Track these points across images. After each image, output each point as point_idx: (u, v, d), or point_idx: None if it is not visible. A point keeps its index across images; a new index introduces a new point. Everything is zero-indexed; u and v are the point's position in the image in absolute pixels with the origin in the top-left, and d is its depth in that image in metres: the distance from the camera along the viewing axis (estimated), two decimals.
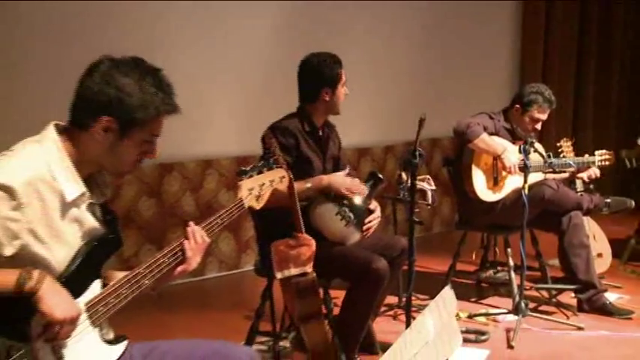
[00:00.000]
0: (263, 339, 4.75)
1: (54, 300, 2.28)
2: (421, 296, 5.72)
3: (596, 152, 6.12)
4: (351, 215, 4.46)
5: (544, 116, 5.91)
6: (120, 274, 2.63)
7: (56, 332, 2.32)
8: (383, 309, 5.50)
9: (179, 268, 2.68)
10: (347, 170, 4.62)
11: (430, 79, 8.58)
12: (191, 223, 2.73)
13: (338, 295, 4.74)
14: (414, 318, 4.03)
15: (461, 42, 9.00)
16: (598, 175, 6.06)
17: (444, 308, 2.86)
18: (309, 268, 3.79)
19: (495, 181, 5.83)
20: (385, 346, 4.94)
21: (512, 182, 5.80)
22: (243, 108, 6.89)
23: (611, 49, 10.48)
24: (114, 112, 2.44)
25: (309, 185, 4.38)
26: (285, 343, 4.69)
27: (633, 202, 6.98)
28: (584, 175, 6.04)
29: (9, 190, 2.26)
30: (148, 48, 5.79)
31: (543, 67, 9.82)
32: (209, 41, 6.84)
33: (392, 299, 5.78)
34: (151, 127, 2.54)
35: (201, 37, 6.78)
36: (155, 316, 3.19)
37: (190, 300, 5.89)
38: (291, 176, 3.30)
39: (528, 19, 9.76)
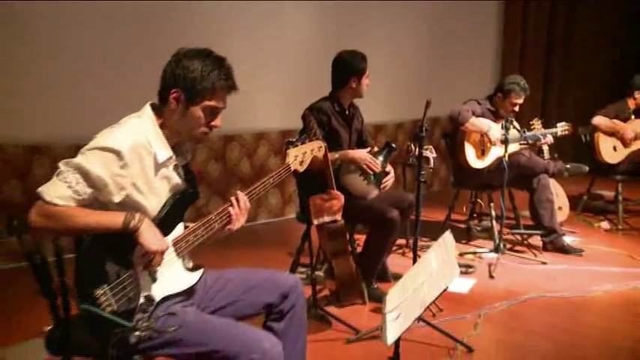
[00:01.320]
0: (302, 269, 4.75)
1: (150, 236, 2.39)
2: (424, 239, 5.70)
3: (558, 124, 6.12)
4: (372, 176, 4.47)
5: (520, 101, 5.88)
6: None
7: (150, 260, 2.40)
8: (394, 248, 5.49)
9: (227, 227, 2.69)
10: (369, 149, 4.58)
11: (432, 70, 8.50)
12: (238, 192, 2.74)
13: (360, 238, 4.72)
14: (419, 255, 4.03)
15: (456, 39, 8.89)
16: (552, 141, 6.03)
17: (445, 248, 2.82)
18: (338, 217, 3.80)
19: (482, 152, 5.81)
20: (396, 276, 5.00)
21: (495, 153, 5.77)
22: (287, 92, 6.86)
23: (572, 45, 10.28)
24: (180, 84, 2.50)
25: (337, 156, 4.40)
26: (319, 273, 4.69)
27: (587, 168, 6.97)
28: (548, 139, 6.01)
29: (118, 153, 2.37)
30: (216, 41, 5.77)
31: (520, 60, 9.67)
32: (262, 36, 6.80)
33: (401, 241, 5.80)
34: (211, 98, 2.54)
35: (256, 33, 6.74)
36: (221, 252, 3.23)
37: (246, 240, 5.89)
38: (326, 146, 3.28)
39: (509, 18, 9.58)
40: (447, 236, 2.88)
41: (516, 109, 5.93)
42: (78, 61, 5.53)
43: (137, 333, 2.39)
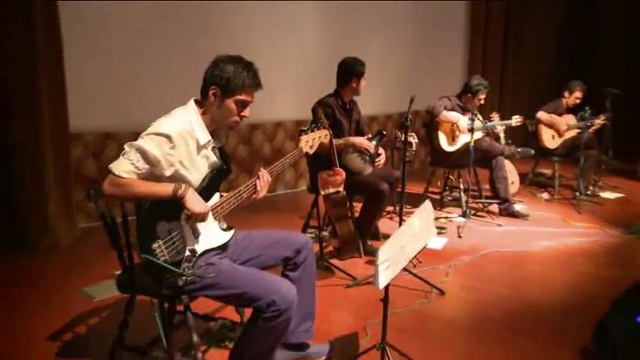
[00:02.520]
0: (311, 230, 4.72)
1: (194, 201, 2.42)
2: (407, 206, 5.64)
3: (513, 117, 6.01)
4: (367, 157, 4.42)
5: (484, 96, 5.85)
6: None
7: (194, 219, 2.42)
8: (384, 214, 5.45)
9: (253, 196, 2.69)
10: (367, 135, 4.53)
11: (415, 70, 8.31)
12: (261, 169, 2.73)
13: (357, 205, 4.69)
14: (404, 219, 3.99)
15: (433, 42, 8.68)
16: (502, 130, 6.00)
17: (425, 213, 2.79)
18: (341, 188, 3.76)
19: (452, 139, 5.74)
20: (386, 236, 4.97)
21: (463, 139, 5.69)
22: (301, 87, 6.75)
23: (524, 45, 10.08)
24: (217, 82, 2.52)
25: (341, 142, 4.34)
26: (325, 233, 4.66)
27: (533, 151, 6.91)
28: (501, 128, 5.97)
29: (168, 137, 2.40)
30: (244, 43, 5.87)
31: (483, 58, 9.40)
32: (281, 38, 6.67)
33: (390, 208, 5.76)
34: (242, 94, 2.55)
35: (276, 35, 6.62)
36: (248, 217, 3.23)
37: (268, 207, 5.84)
38: (331, 134, 3.24)
39: (473, 20, 9.20)
40: (427, 204, 2.85)
41: (482, 102, 5.90)
42: (137, 63, 5.48)
43: (184, 278, 2.39)
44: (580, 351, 3.22)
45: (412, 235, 2.63)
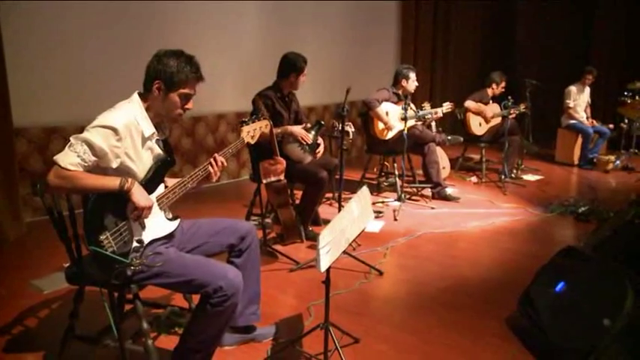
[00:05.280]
0: (255, 218, 4.69)
1: (139, 195, 2.38)
2: (346, 192, 5.69)
3: (444, 104, 6.16)
4: (307, 146, 4.43)
5: (414, 77, 5.96)
6: (173, 181, 2.65)
7: (140, 213, 2.36)
8: (324, 200, 5.46)
9: (207, 179, 2.67)
10: (304, 125, 4.53)
11: (350, 63, 8.35)
12: (215, 154, 2.69)
13: (297, 192, 4.70)
14: (343, 205, 4.03)
15: (367, 38, 8.75)
16: (440, 115, 6.14)
17: (363, 198, 2.82)
18: (282, 177, 3.72)
19: (387, 128, 5.79)
20: (325, 221, 5.01)
21: (397, 127, 5.76)
22: (241, 81, 6.69)
23: (449, 40, 10.26)
24: (161, 77, 2.47)
25: (279, 131, 4.32)
26: (268, 220, 4.65)
27: (462, 138, 7.08)
28: (439, 113, 6.09)
29: (114, 130, 2.34)
30: (187, 39, 5.73)
31: (414, 53, 9.54)
32: (221, 35, 6.59)
33: (328, 194, 5.77)
34: (185, 87, 2.51)
35: (217, 32, 6.54)
36: (193, 205, 3.17)
37: (212, 196, 5.79)
38: (271, 124, 3.22)
39: (404, 17, 9.32)
40: (364, 190, 2.88)
41: (416, 83, 5.98)
42: (80, 59, 5.33)
43: (132, 267, 2.35)
44: (507, 320, 3.34)
45: (351, 220, 2.65)
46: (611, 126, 8.12)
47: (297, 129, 4.43)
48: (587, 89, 8.09)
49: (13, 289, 3.69)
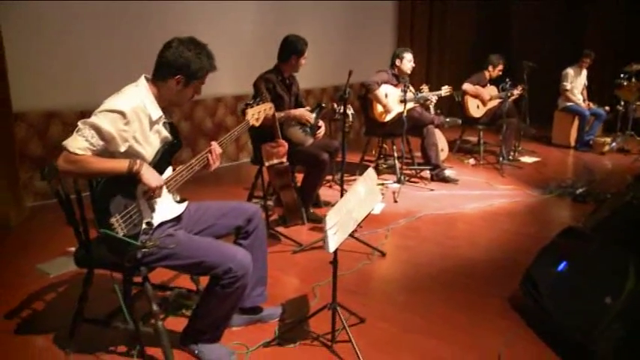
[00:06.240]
0: (256, 200, 4.70)
1: (149, 175, 2.39)
2: (346, 175, 5.70)
3: (442, 88, 6.14)
4: (308, 129, 4.43)
5: (411, 58, 5.91)
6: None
7: (150, 194, 2.37)
8: (324, 182, 5.45)
9: (205, 169, 2.69)
10: (305, 108, 4.53)
11: (349, 48, 8.31)
12: (212, 142, 2.70)
13: (298, 175, 4.71)
14: (346, 188, 4.06)
15: (366, 27, 8.75)
16: (435, 100, 6.11)
17: (370, 180, 2.83)
18: (284, 159, 3.75)
19: (386, 110, 5.79)
20: (326, 203, 5.03)
21: (396, 110, 5.76)
22: (239, 65, 6.60)
23: (445, 32, 10.26)
24: (183, 72, 2.47)
25: (282, 115, 4.30)
26: (270, 202, 4.66)
27: (460, 120, 7.11)
28: (433, 98, 6.07)
29: (122, 114, 2.32)
30: (187, 23, 5.71)
31: (410, 37, 9.51)
32: (221, 19, 6.53)
33: (328, 177, 5.78)
34: (202, 79, 2.54)
35: (217, 16, 6.47)
36: (193, 189, 3.17)
37: (212, 180, 5.78)
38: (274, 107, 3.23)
39: (401, 14, 9.38)
40: (370, 172, 2.89)
41: (412, 64, 5.93)
42: (79, 46, 5.27)
43: (144, 250, 2.37)
44: (509, 299, 3.38)
45: (359, 201, 2.67)
46: (607, 108, 8.14)
47: (299, 111, 4.43)
48: (584, 72, 8.09)
49: (19, 273, 3.69)
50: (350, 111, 5.29)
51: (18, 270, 3.75)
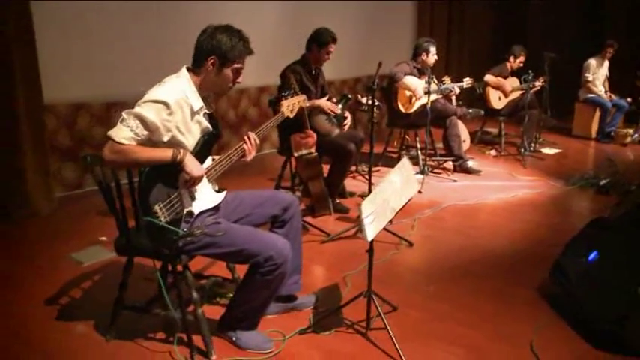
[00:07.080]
0: (283, 191, 4.72)
1: (192, 165, 2.42)
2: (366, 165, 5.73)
3: (464, 79, 6.11)
4: (334, 120, 4.46)
5: (435, 51, 5.93)
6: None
7: (192, 182, 2.41)
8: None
9: (242, 159, 2.70)
10: (328, 96, 4.55)
11: (373, 43, 8.26)
12: (248, 132, 2.72)
13: (324, 166, 4.72)
14: (373, 178, 4.09)
15: (386, 15, 8.68)
16: (458, 92, 6.10)
17: (404, 170, 2.85)
18: (312, 150, 3.78)
19: (410, 101, 5.80)
20: (351, 194, 5.05)
21: (420, 101, 5.76)
22: (262, 56, 6.58)
23: (464, 27, 10.21)
24: (215, 53, 2.48)
25: (307, 105, 4.30)
26: (297, 193, 4.69)
27: (483, 112, 7.08)
28: (456, 90, 6.05)
29: (166, 104, 2.34)
30: (208, 16, 5.51)
31: (430, 29, 9.45)
32: (242, 11, 6.37)
33: (352, 167, 5.73)
34: (238, 62, 2.55)
35: (238, 8, 6.35)
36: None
37: (235, 171, 5.79)
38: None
39: (420, 13, 9.35)
40: (405, 161, 2.90)
41: (435, 57, 5.92)
42: (107, 35, 5.29)
43: (191, 237, 2.41)
44: (538, 289, 3.39)
45: (394, 191, 2.69)
46: (629, 99, 8.07)
47: (324, 101, 4.46)
48: (606, 63, 8.03)
49: (53, 262, 3.76)
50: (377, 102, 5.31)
51: (52, 258, 3.82)
